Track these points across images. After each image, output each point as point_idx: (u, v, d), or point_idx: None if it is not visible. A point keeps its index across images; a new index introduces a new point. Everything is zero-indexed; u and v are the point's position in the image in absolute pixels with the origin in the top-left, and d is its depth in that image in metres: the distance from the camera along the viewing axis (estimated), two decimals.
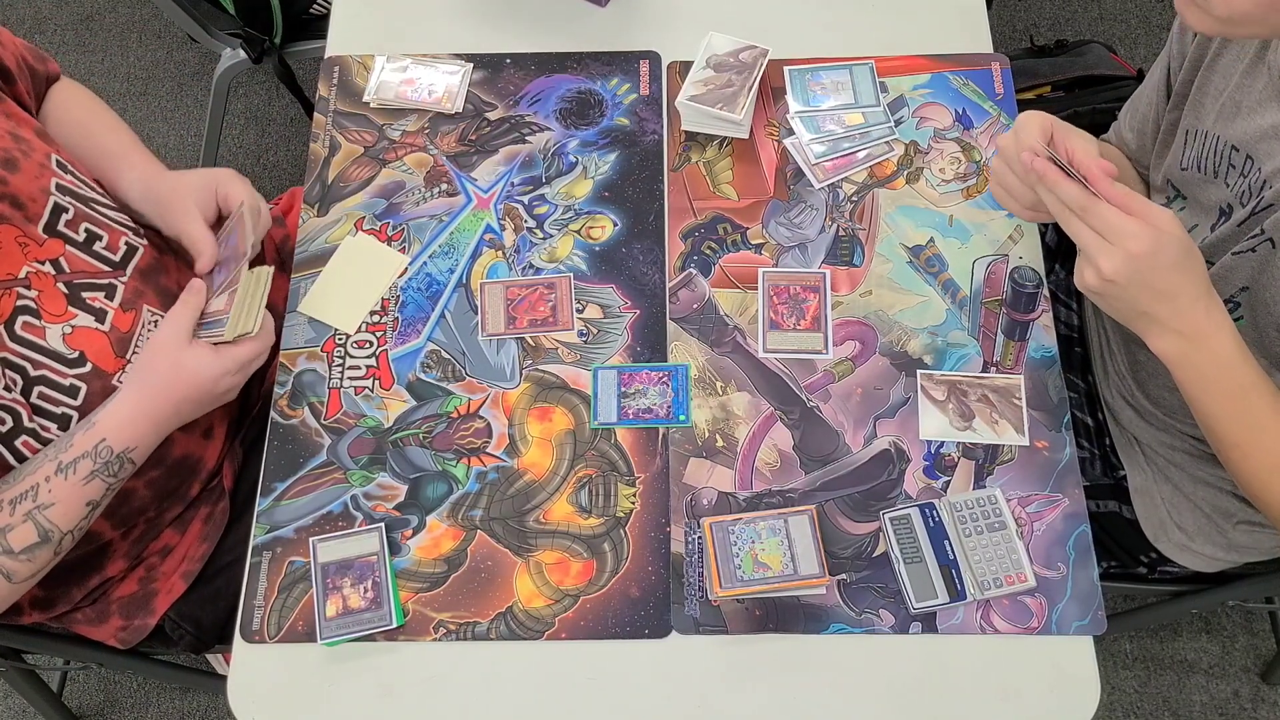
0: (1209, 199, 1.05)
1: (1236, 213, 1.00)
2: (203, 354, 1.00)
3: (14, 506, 0.94)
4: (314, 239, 1.18)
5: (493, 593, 1.00)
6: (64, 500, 0.95)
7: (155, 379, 0.99)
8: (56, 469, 0.95)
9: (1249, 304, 0.98)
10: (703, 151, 1.23)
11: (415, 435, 1.08)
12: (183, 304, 1.02)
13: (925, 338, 1.11)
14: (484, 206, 1.20)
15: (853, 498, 1.03)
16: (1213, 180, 1.03)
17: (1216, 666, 1.71)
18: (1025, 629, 0.97)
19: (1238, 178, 1.00)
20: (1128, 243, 0.86)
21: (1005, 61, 1.27)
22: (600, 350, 1.11)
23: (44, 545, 0.95)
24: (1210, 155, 1.03)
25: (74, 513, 0.96)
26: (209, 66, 2.29)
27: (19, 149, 1.01)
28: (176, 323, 1.01)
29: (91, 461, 0.96)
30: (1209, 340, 0.91)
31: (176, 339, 1.00)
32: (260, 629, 0.99)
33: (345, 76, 1.29)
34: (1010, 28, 2.31)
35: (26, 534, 0.94)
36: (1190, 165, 1.05)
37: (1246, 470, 0.94)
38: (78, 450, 0.96)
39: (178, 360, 0.99)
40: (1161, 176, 1.12)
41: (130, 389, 1.00)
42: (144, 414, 0.99)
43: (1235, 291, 0.99)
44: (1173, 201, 1.11)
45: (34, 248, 1.01)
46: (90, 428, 0.97)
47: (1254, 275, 0.97)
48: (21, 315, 0.99)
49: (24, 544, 0.94)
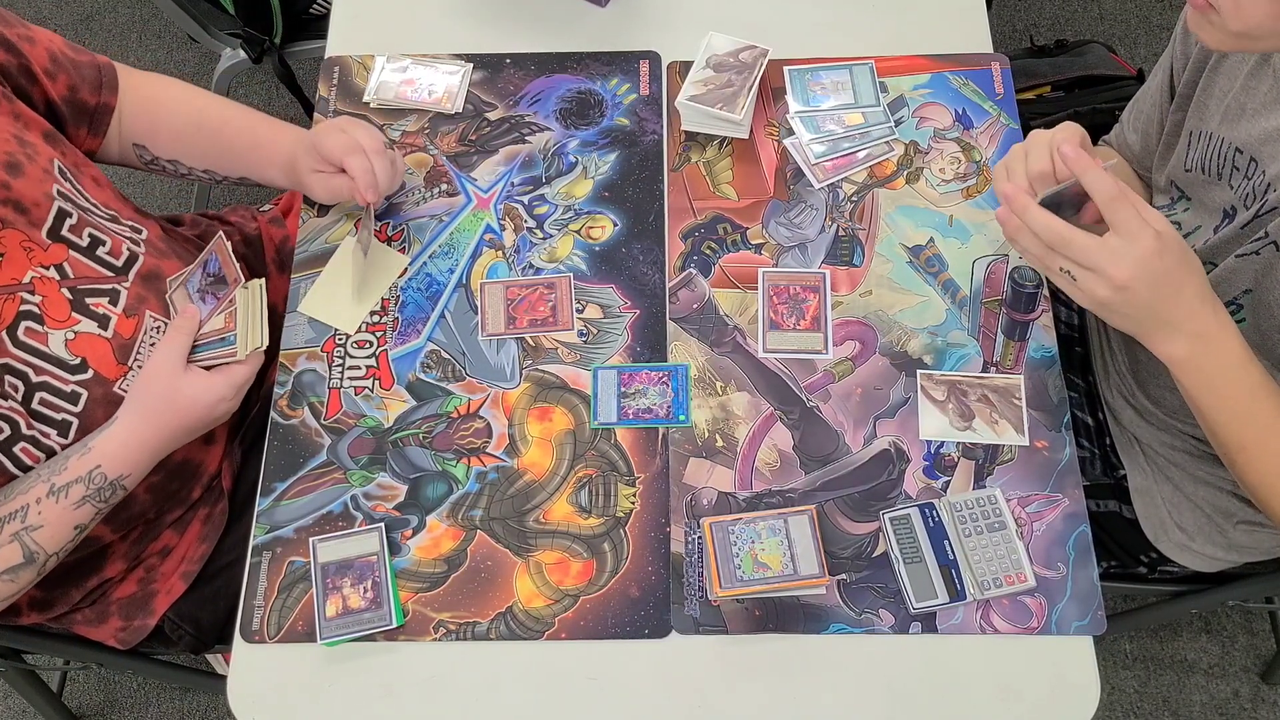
0: (1213, 201, 1.05)
1: (1240, 215, 1.00)
2: (199, 381, 1.00)
3: (1, 526, 0.94)
4: (314, 239, 1.18)
5: (493, 593, 1.00)
6: (52, 523, 0.95)
7: (152, 407, 0.99)
8: (49, 491, 0.95)
9: (1251, 306, 0.98)
10: (703, 151, 1.23)
11: (415, 435, 1.08)
12: (177, 330, 1.02)
13: (925, 338, 1.11)
14: (484, 206, 1.20)
15: (853, 498, 1.03)
16: (1216, 182, 1.03)
17: (1216, 666, 1.71)
18: (1025, 629, 0.97)
19: (1241, 180, 1.00)
20: (1138, 245, 0.86)
21: (1005, 61, 1.27)
22: (600, 350, 1.11)
23: (28, 566, 0.95)
24: (1214, 157, 1.02)
25: (61, 535, 0.97)
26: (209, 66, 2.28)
27: (24, 153, 1.01)
28: (171, 350, 1.00)
29: (84, 487, 0.96)
30: (1218, 341, 0.90)
31: (172, 367, 1.00)
32: (260, 629, 0.99)
33: (345, 76, 1.29)
34: (1010, 28, 2.31)
35: (11, 554, 0.94)
36: (1194, 166, 1.05)
37: (1253, 472, 0.94)
38: (71, 474, 0.96)
39: (175, 388, 0.99)
40: (1165, 178, 1.12)
41: (127, 417, 0.99)
42: (140, 442, 0.99)
43: (1238, 294, 0.99)
44: (1176, 203, 1.11)
45: (38, 252, 1.00)
46: (86, 452, 0.97)
47: (1257, 278, 0.97)
48: (25, 320, 0.99)
49: (7, 564, 0.94)
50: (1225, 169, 1.01)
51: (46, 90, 1.07)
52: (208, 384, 1.01)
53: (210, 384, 1.01)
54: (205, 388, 1.00)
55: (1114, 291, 0.88)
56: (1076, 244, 0.88)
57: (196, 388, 1.00)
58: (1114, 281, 0.87)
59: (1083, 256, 0.88)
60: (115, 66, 1.15)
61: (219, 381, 1.01)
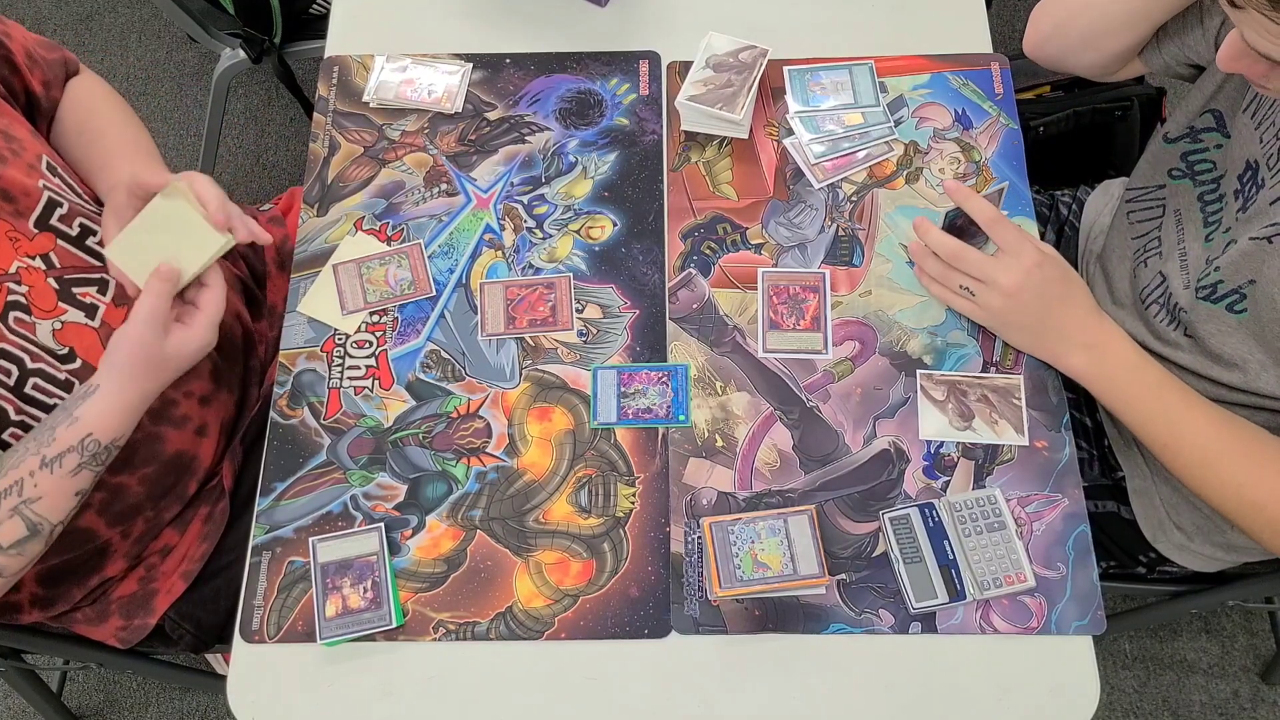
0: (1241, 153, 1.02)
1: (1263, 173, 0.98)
2: (182, 336, 0.98)
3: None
4: (313, 239, 1.18)
5: (492, 593, 1.00)
6: (51, 493, 0.95)
7: (139, 372, 0.97)
8: (40, 463, 0.94)
9: (1253, 297, 0.98)
10: (702, 151, 1.23)
11: (415, 435, 1.08)
12: (153, 294, 0.97)
13: (925, 338, 1.11)
14: (484, 206, 1.20)
15: (852, 498, 1.03)
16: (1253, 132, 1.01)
17: (1216, 666, 1.71)
18: (1025, 629, 0.97)
19: (1273, 138, 0.98)
20: (1023, 256, 0.99)
21: (1005, 61, 1.27)
22: (600, 350, 1.11)
23: (34, 538, 0.95)
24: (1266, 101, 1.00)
25: (63, 504, 0.96)
26: (209, 66, 2.29)
27: (9, 148, 1.01)
28: (154, 315, 0.97)
29: (78, 455, 0.95)
30: (1110, 346, 1.01)
31: (155, 332, 0.97)
32: (260, 629, 0.99)
33: (345, 76, 1.29)
34: (1010, 28, 2.31)
35: (14, 529, 0.94)
36: (1250, 107, 1.02)
37: (1178, 467, 1.00)
38: (62, 445, 0.95)
39: (161, 352, 0.98)
40: (1208, 100, 1.07)
41: (112, 382, 0.97)
42: (127, 404, 0.98)
43: (1243, 283, 0.99)
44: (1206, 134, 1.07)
45: (24, 242, 1.01)
46: (73, 422, 0.96)
47: (1259, 268, 0.96)
48: (12, 311, 0.99)
49: (12, 539, 0.94)
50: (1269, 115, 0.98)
51: (28, 81, 1.08)
52: (190, 337, 0.99)
53: (192, 336, 0.99)
54: (188, 340, 0.99)
55: (1005, 299, 1.01)
56: (970, 259, 1.02)
57: (181, 345, 0.98)
58: (1004, 289, 1.00)
59: (976, 269, 1.02)
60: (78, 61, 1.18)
61: (199, 331, 0.99)
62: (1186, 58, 1.11)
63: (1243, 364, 1.00)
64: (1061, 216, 1.39)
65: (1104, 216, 1.33)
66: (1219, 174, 1.05)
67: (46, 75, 1.12)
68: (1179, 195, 1.11)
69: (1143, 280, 1.13)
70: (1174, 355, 1.07)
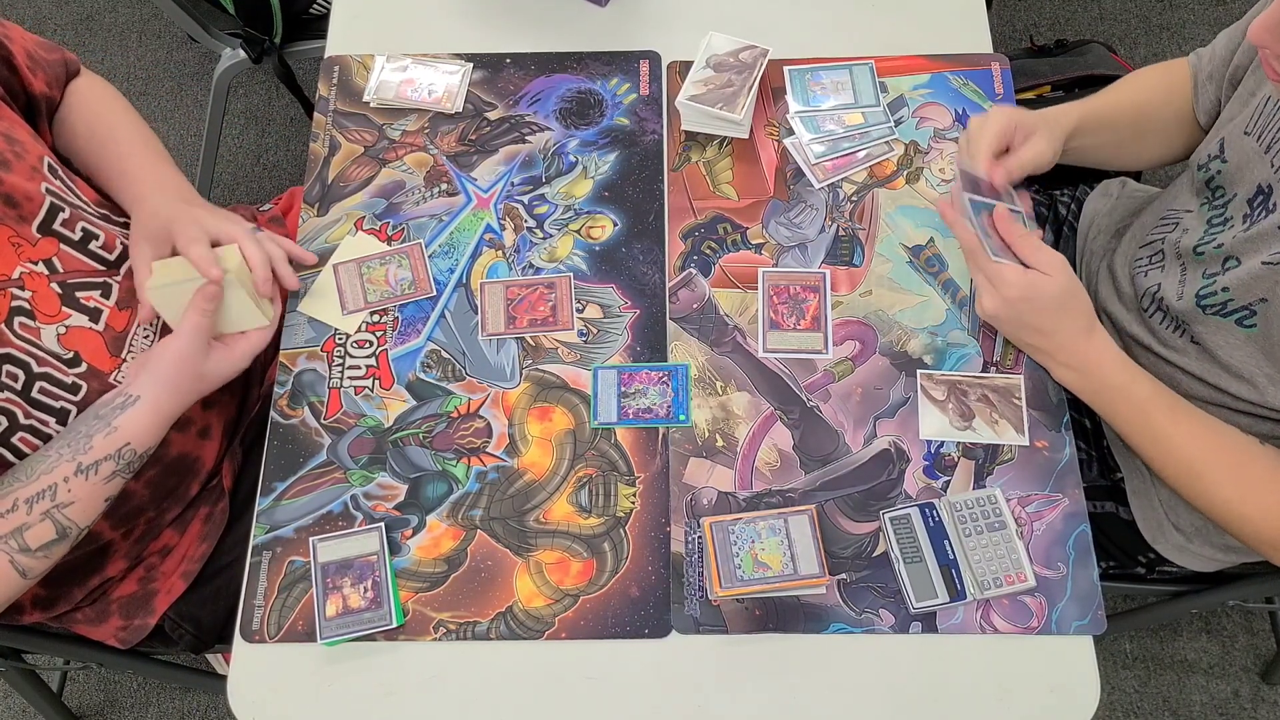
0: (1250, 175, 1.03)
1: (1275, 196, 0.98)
2: (222, 360, 1.04)
3: (30, 506, 0.94)
4: (314, 239, 1.19)
5: (493, 592, 1.00)
6: (83, 499, 0.96)
7: (180, 386, 1.01)
8: (76, 470, 0.95)
9: (1264, 315, 0.98)
10: (703, 151, 1.23)
11: (415, 435, 1.08)
12: (198, 311, 1.01)
13: (925, 337, 1.11)
14: (484, 206, 1.20)
15: (853, 498, 1.03)
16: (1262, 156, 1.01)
17: (1216, 666, 1.71)
18: (1025, 629, 0.97)
19: None
20: (1004, 290, 1.00)
21: (1005, 61, 1.27)
22: (600, 350, 1.11)
23: (61, 541, 0.96)
24: (1273, 125, 1.00)
25: (93, 510, 0.98)
26: (209, 66, 2.29)
27: (11, 151, 1.01)
28: (198, 333, 1.01)
29: (114, 463, 0.97)
30: (1096, 369, 1.01)
31: (198, 350, 1.01)
32: (260, 629, 0.99)
33: (345, 76, 1.29)
34: (1010, 28, 2.31)
35: (44, 532, 0.95)
36: (1254, 131, 1.03)
37: (1167, 477, 1.02)
38: (99, 453, 0.96)
39: (202, 372, 1.02)
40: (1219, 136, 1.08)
41: (154, 395, 0.99)
42: (166, 417, 1.01)
43: (1253, 301, 0.99)
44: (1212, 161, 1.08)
45: (27, 248, 1.01)
46: (111, 432, 0.97)
47: (1272, 288, 0.96)
48: (17, 316, 0.99)
49: (41, 541, 0.95)
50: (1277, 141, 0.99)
51: (29, 83, 1.08)
52: (228, 358, 1.04)
53: (230, 359, 1.04)
54: (226, 362, 1.04)
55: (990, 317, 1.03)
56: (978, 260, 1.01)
57: (219, 365, 1.03)
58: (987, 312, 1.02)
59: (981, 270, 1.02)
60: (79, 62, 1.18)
61: (237, 357, 1.05)
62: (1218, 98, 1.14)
63: (1251, 378, 1.00)
64: (1061, 216, 1.39)
65: (1104, 217, 1.33)
66: (1228, 197, 1.06)
67: (47, 76, 1.12)
68: (1193, 215, 1.11)
69: (1142, 287, 1.14)
70: (1180, 360, 1.07)
